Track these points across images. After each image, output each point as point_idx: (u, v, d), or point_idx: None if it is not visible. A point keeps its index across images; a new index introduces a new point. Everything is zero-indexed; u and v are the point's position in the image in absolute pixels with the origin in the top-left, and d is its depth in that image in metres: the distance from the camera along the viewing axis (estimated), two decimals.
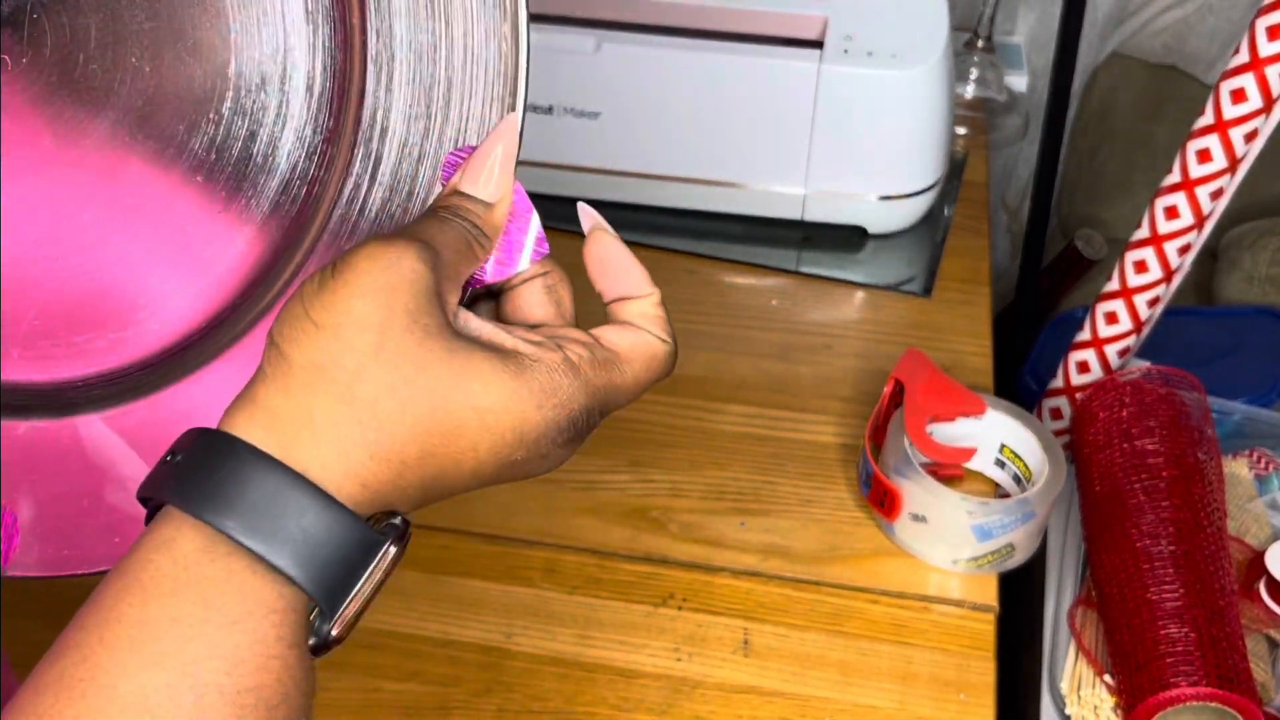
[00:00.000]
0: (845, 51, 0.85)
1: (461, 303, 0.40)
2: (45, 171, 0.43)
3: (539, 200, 0.43)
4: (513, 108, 0.42)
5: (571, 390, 0.39)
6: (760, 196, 0.90)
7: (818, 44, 0.86)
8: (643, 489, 0.74)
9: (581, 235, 0.48)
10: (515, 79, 0.42)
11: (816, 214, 0.91)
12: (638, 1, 0.88)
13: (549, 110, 0.88)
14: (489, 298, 0.44)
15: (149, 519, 0.37)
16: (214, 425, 0.38)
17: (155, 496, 0.36)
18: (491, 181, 0.41)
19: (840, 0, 0.88)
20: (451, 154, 0.43)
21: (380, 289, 0.37)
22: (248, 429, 0.36)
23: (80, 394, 0.45)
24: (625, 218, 0.93)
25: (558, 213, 0.96)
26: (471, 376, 0.37)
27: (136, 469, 0.45)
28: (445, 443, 0.37)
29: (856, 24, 0.87)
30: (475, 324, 0.39)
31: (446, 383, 0.37)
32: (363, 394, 0.36)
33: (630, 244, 0.49)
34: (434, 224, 0.40)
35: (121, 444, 0.45)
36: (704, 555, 0.71)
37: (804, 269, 0.90)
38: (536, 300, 0.44)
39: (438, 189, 0.43)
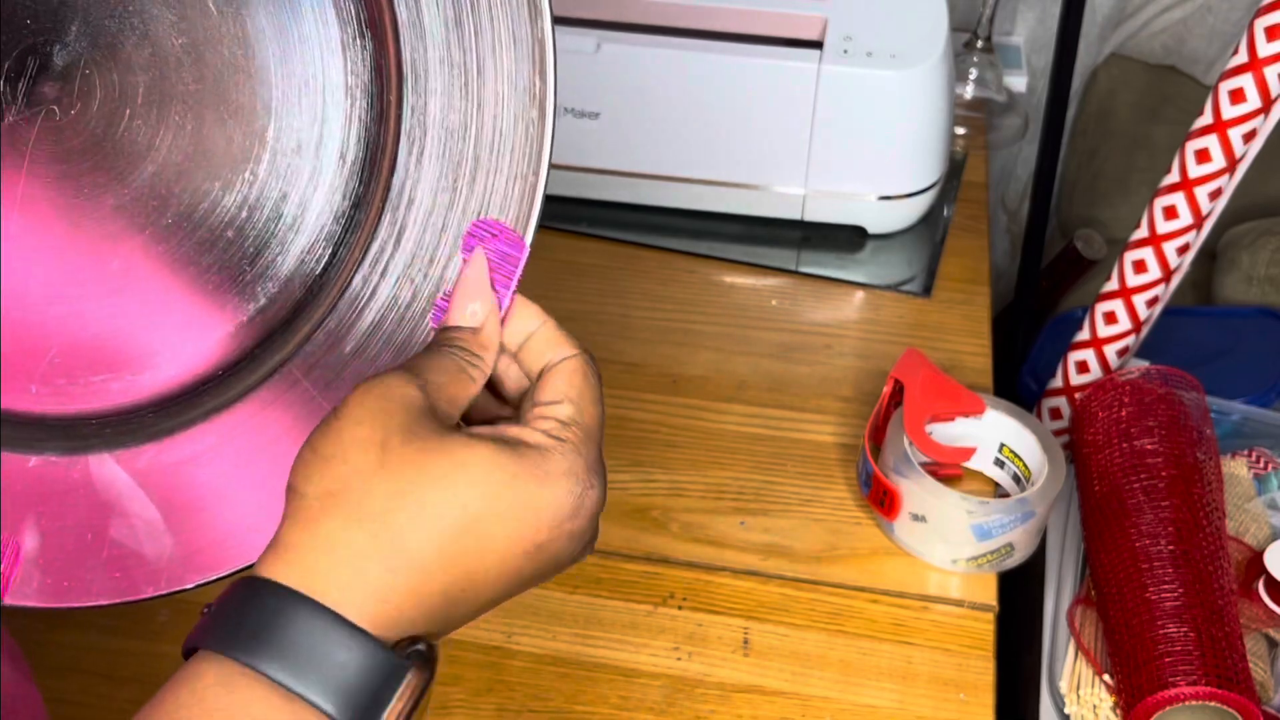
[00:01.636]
0: (845, 52, 0.85)
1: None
2: (80, 219, 0.44)
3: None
4: (535, 185, 0.44)
5: (566, 456, 0.40)
6: (760, 196, 0.91)
7: (817, 44, 0.86)
8: (643, 489, 0.74)
9: (581, 235, 0.49)
10: (539, 158, 0.44)
11: (816, 214, 0.91)
12: (638, 1, 0.88)
13: None
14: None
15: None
16: (222, 470, 0.40)
17: (190, 644, 0.38)
18: (472, 307, 0.44)
19: (840, 0, 0.88)
20: (440, 299, 0.45)
21: (375, 413, 0.39)
22: (273, 568, 0.38)
23: (93, 432, 0.46)
24: (625, 218, 0.93)
25: (557, 212, 0.96)
26: (474, 468, 0.38)
27: (143, 507, 0.46)
28: (461, 541, 0.38)
29: (856, 24, 0.87)
30: (475, 431, 0.41)
31: (451, 480, 0.38)
32: (372, 509, 0.38)
33: (630, 244, 0.49)
34: (424, 354, 0.42)
35: (130, 482, 0.46)
36: (704, 555, 0.71)
37: (804, 269, 0.90)
38: (510, 375, 0.45)
39: (458, 259, 0.45)
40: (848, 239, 0.92)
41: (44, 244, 0.44)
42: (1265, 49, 0.72)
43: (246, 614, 0.37)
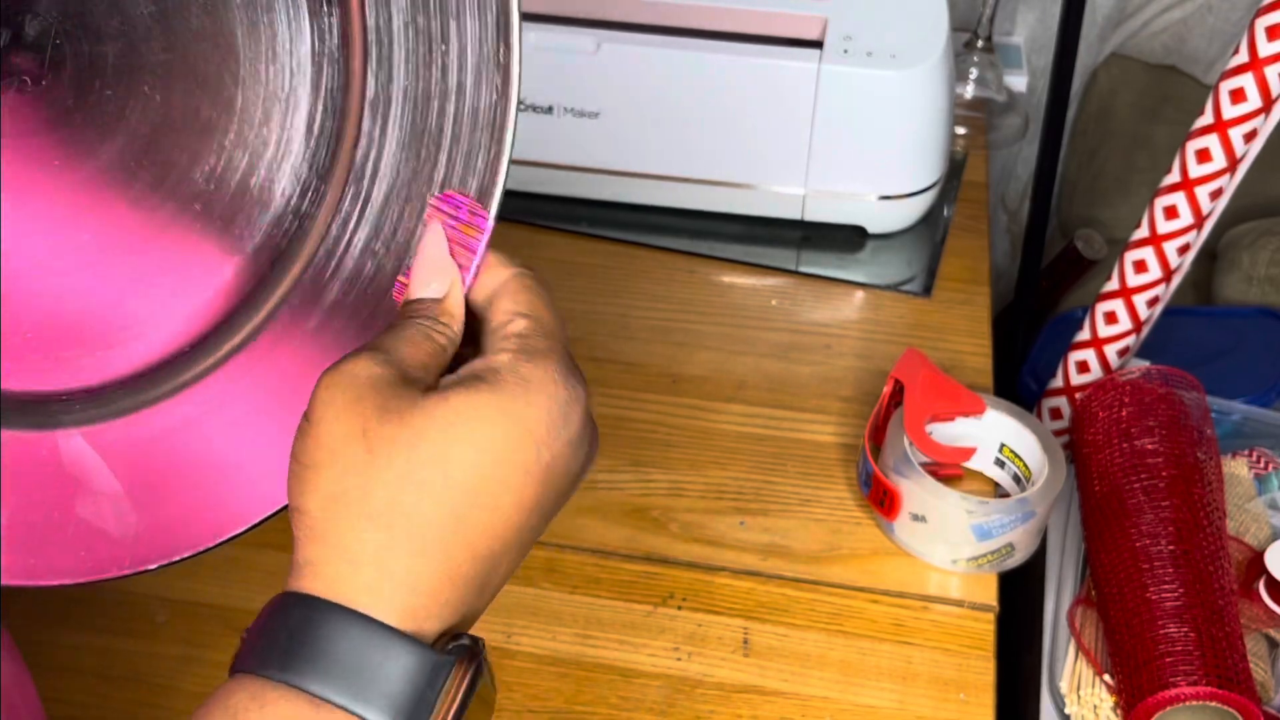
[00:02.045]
0: (845, 51, 0.85)
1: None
2: (51, 191, 0.43)
3: (538, 200, 0.45)
4: (499, 156, 0.44)
5: (537, 365, 0.39)
6: (760, 196, 0.90)
7: (817, 44, 0.86)
8: (643, 488, 0.74)
9: (581, 235, 0.49)
10: (504, 129, 0.43)
11: (816, 214, 0.91)
12: (638, 1, 0.88)
13: (549, 110, 0.88)
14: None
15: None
16: (193, 443, 0.39)
17: (231, 669, 0.37)
18: (433, 282, 0.42)
19: (840, 0, 0.88)
20: (400, 277, 0.44)
21: (348, 404, 0.37)
22: (298, 587, 0.37)
23: (62, 408, 0.45)
24: (625, 218, 0.93)
25: (557, 212, 0.96)
26: (458, 421, 0.37)
27: (109, 484, 0.45)
28: (474, 498, 0.37)
29: (856, 24, 0.87)
30: (445, 382, 0.39)
31: (442, 444, 0.37)
32: (378, 501, 0.36)
33: (630, 244, 0.49)
34: (388, 329, 0.41)
35: (97, 459, 0.45)
36: (704, 555, 0.71)
37: (804, 269, 0.90)
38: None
39: (419, 230, 0.44)
40: (848, 239, 0.92)
41: (15, 217, 0.44)
42: (1266, 49, 0.72)
43: (276, 631, 0.36)
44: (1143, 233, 0.80)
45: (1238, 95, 0.74)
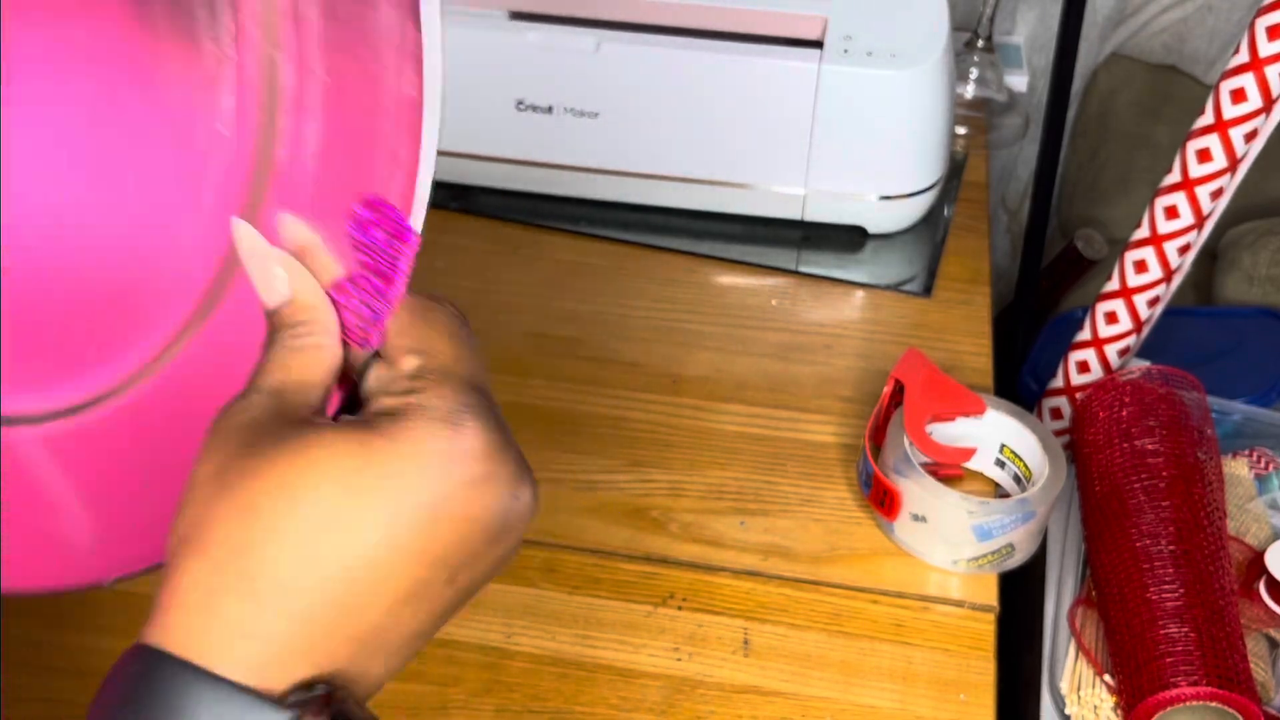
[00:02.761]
0: (845, 51, 0.85)
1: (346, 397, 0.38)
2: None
3: (538, 200, 0.41)
4: (415, 162, 0.37)
5: (423, 408, 0.35)
6: (760, 196, 0.90)
7: (817, 44, 0.86)
8: (643, 489, 0.74)
9: (581, 235, 0.48)
10: (418, 130, 0.37)
11: (816, 214, 0.91)
12: (638, 1, 0.88)
13: (549, 110, 0.88)
14: None
15: None
16: (150, 438, 0.37)
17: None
18: (271, 290, 0.38)
19: (840, 0, 0.88)
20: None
21: (216, 444, 0.35)
22: (146, 632, 0.34)
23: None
24: (625, 218, 0.93)
25: (557, 212, 0.96)
26: (314, 461, 0.33)
27: (62, 489, 0.42)
28: (324, 542, 0.33)
29: (856, 24, 0.87)
30: (322, 420, 0.36)
31: (290, 482, 0.33)
32: (215, 539, 0.33)
33: (630, 244, 0.49)
34: (258, 367, 0.37)
35: (50, 461, 0.41)
36: (704, 555, 0.71)
37: (804, 269, 0.90)
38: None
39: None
40: (848, 239, 0.92)
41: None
42: (1266, 48, 0.72)
43: (108, 690, 0.34)
44: (1143, 232, 0.80)
45: (1238, 95, 0.73)
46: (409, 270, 0.38)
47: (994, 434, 0.73)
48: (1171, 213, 0.78)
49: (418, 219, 0.38)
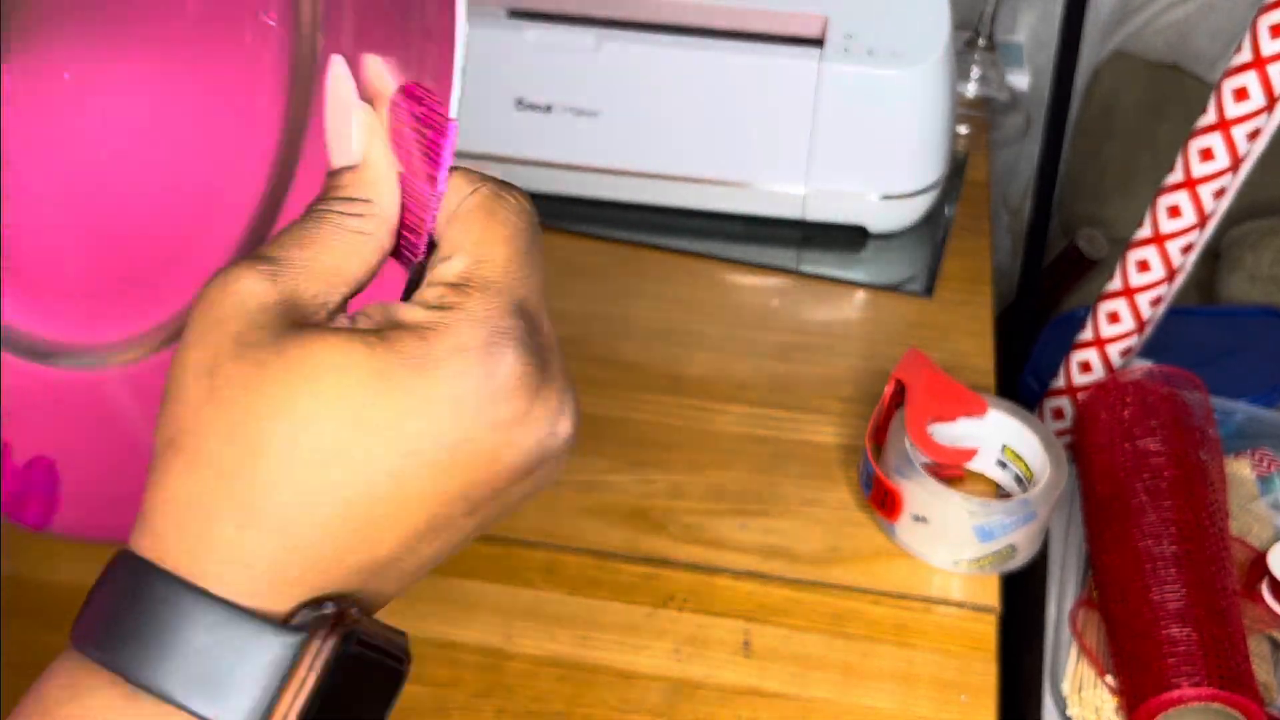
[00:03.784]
0: (846, 50, 0.85)
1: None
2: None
3: (538, 200, 0.38)
4: (451, 42, 0.32)
5: (456, 327, 0.30)
6: (760, 196, 0.90)
7: (818, 42, 0.86)
8: (643, 490, 0.74)
9: (581, 235, 0.48)
10: (452, 9, 0.33)
11: (817, 213, 0.90)
12: (638, 1, 0.88)
13: (549, 109, 0.88)
14: None
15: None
16: None
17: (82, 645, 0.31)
18: (344, 144, 0.34)
19: None
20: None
21: (209, 327, 0.30)
22: (133, 538, 0.31)
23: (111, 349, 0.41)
24: (625, 218, 0.93)
25: (557, 212, 0.96)
26: (322, 376, 0.29)
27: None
28: (327, 475, 0.30)
29: (857, 22, 0.86)
30: (337, 324, 0.32)
31: (292, 398, 0.29)
32: (207, 453, 0.30)
33: (630, 244, 0.49)
34: (290, 228, 0.32)
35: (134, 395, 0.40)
36: (704, 556, 0.71)
37: (804, 269, 0.90)
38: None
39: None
40: (849, 239, 0.92)
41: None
42: (1269, 47, 0.72)
43: (95, 599, 0.30)
44: (1145, 232, 0.80)
45: (1241, 94, 0.73)
46: (450, 158, 0.33)
47: (995, 434, 0.73)
48: (1174, 212, 0.78)
49: (455, 105, 0.33)
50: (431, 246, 0.34)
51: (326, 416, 0.29)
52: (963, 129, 1.02)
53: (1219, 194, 0.77)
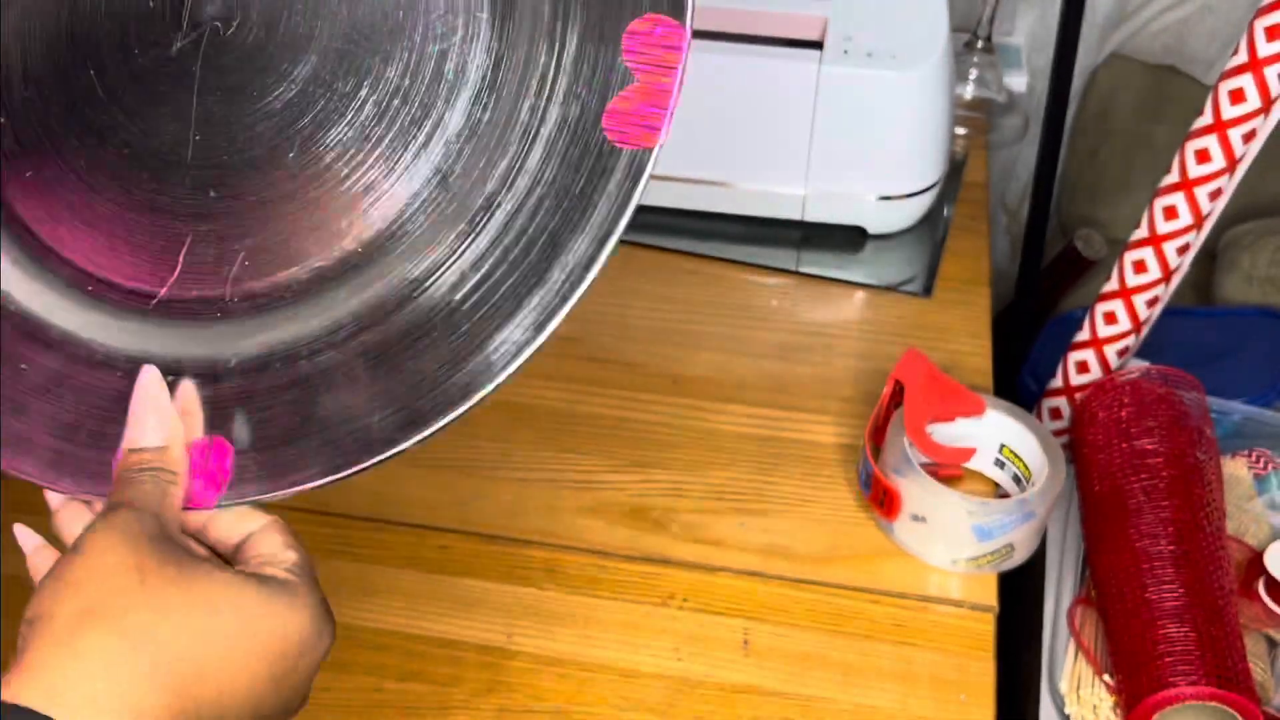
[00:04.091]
0: (845, 52, 0.85)
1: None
2: (252, 114, 0.46)
3: None
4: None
5: (311, 592, 0.43)
6: (760, 196, 0.90)
7: (817, 44, 0.86)
8: (643, 489, 0.74)
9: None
10: None
11: (816, 214, 0.91)
12: None
13: None
14: None
15: None
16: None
17: None
18: (151, 430, 0.45)
19: (840, 1, 0.88)
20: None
21: (122, 542, 0.40)
22: (18, 691, 0.37)
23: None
24: None
25: None
26: (234, 597, 0.41)
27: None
28: (219, 662, 0.39)
29: (856, 24, 0.87)
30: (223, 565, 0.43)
31: (213, 604, 0.40)
32: (137, 622, 0.38)
33: (630, 244, 0.49)
34: (128, 486, 0.43)
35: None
36: (704, 555, 0.71)
37: (804, 269, 0.90)
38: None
39: (621, 63, 0.45)
40: (848, 239, 0.92)
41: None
42: (1265, 49, 0.72)
43: None
44: (1142, 233, 0.80)
45: (1237, 96, 0.74)
46: (685, 67, 0.45)
47: (994, 434, 0.73)
48: (1170, 213, 0.78)
49: (688, 19, 0.45)
50: None
51: (232, 623, 0.40)
52: (961, 130, 1.03)
53: (1215, 195, 0.77)
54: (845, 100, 0.85)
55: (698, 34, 0.87)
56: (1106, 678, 0.68)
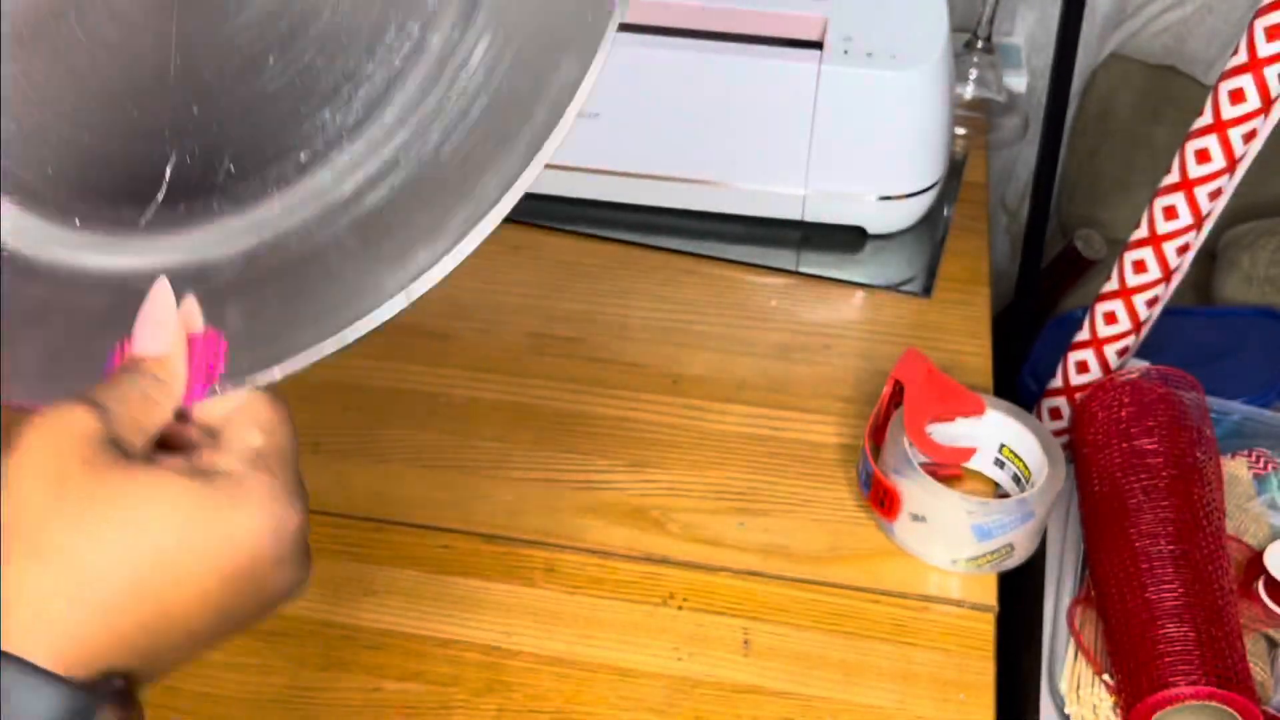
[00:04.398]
0: (845, 52, 0.85)
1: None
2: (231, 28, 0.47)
3: (538, 200, 0.43)
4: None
5: (261, 481, 0.40)
6: (760, 197, 0.91)
7: (817, 44, 0.86)
8: (643, 489, 0.74)
9: (581, 235, 0.48)
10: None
11: (816, 214, 0.91)
12: (638, 2, 0.88)
13: None
14: None
15: None
16: None
17: None
18: (154, 338, 0.43)
19: (840, 1, 0.88)
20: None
21: (50, 444, 0.38)
22: None
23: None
24: (626, 218, 0.93)
25: (557, 213, 0.96)
26: (160, 499, 0.37)
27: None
28: (152, 574, 0.37)
29: (856, 25, 0.87)
30: (163, 460, 0.40)
31: (136, 511, 0.37)
32: (51, 543, 0.36)
33: (630, 244, 0.49)
34: (106, 385, 0.41)
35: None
36: (704, 555, 0.71)
37: (804, 269, 0.90)
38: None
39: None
40: (848, 239, 0.92)
41: None
42: (1265, 49, 0.72)
43: None
44: (1142, 233, 0.80)
45: (1237, 96, 0.74)
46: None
47: (993, 434, 0.73)
48: (1170, 213, 0.78)
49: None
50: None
51: (160, 528, 0.37)
52: (961, 130, 1.03)
53: (1215, 195, 0.77)
54: (845, 100, 0.85)
55: (699, 34, 0.87)
56: (1106, 677, 0.68)
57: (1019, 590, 0.78)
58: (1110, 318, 0.83)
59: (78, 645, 0.36)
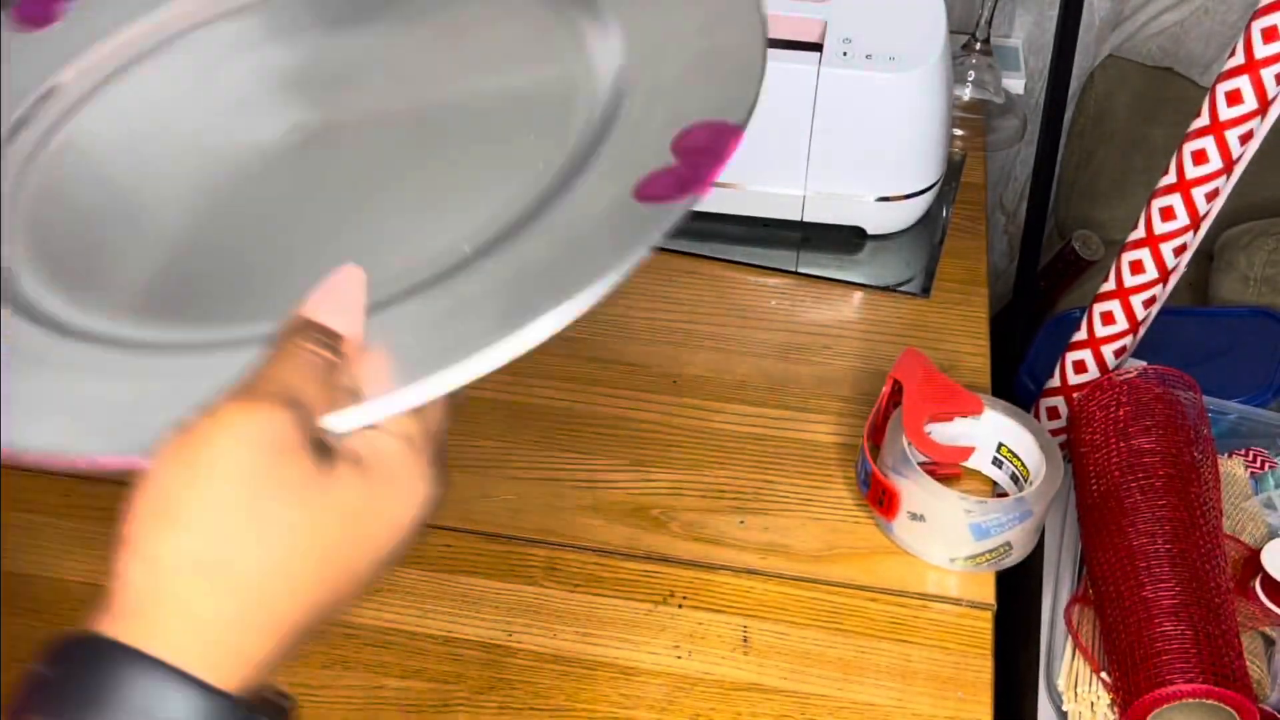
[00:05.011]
0: (844, 54, 0.85)
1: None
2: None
3: None
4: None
5: (410, 461, 0.39)
6: (759, 197, 0.91)
7: (816, 46, 0.86)
8: (644, 488, 0.75)
9: None
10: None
11: (815, 215, 0.91)
12: None
13: None
14: None
15: None
16: None
17: (17, 708, 0.35)
18: (347, 313, 0.40)
19: (839, 3, 0.89)
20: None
21: (245, 456, 0.36)
22: (110, 624, 0.35)
23: None
24: None
25: None
26: (336, 503, 0.37)
27: None
28: (320, 569, 0.37)
29: (855, 27, 0.87)
30: (340, 453, 0.39)
31: (315, 516, 0.36)
32: (247, 581, 0.35)
33: None
34: (290, 366, 0.38)
35: None
36: (704, 554, 0.71)
37: (803, 269, 0.90)
38: None
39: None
40: (847, 240, 0.92)
41: None
42: (1262, 51, 0.72)
43: (72, 676, 0.34)
44: (1139, 233, 0.81)
45: (1234, 97, 0.74)
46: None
47: (991, 433, 0.73)
48: (1167, 214, 0.79)
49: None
50: None
51: (335, 536, 0.37)
52: (959, 132, 1.03)
53: (1212, 196, 0.78)
54: (844, 102, 0.85)
55: None
56: (1104, 675, 0.68)
57: (1017, 589, 0.78)
58: (1108, 318, 0.83)
59: (244, 662, 0.35)
